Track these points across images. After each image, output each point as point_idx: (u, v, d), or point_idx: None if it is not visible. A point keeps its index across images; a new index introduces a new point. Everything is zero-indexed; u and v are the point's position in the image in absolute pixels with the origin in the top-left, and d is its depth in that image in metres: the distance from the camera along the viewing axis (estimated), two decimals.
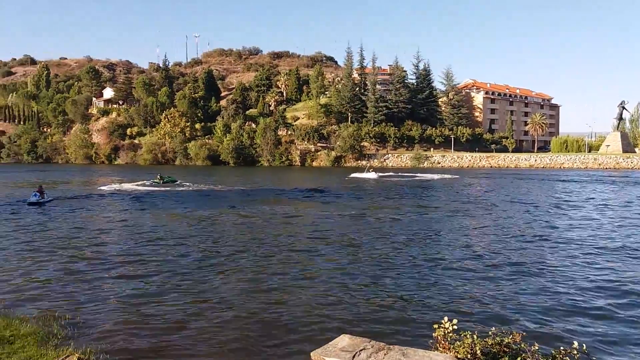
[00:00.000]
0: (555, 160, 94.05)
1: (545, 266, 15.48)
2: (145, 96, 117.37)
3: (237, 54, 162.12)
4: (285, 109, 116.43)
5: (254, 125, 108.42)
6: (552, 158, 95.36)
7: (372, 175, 65.62)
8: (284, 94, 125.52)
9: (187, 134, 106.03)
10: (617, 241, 19.93)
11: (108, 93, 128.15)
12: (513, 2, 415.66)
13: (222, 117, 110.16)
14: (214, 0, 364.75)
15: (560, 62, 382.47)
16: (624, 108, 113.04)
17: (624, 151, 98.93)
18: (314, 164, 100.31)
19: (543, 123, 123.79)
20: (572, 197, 38.34)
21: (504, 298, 12.16)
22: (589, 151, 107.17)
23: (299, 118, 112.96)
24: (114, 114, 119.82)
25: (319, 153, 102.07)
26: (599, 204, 33.57)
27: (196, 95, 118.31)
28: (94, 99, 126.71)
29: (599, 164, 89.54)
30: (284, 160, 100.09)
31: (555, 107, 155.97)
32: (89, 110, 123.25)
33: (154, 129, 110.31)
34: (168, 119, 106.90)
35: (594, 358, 3.70)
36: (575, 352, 4.14)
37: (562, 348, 4.22)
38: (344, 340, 5.22)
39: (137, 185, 48.28)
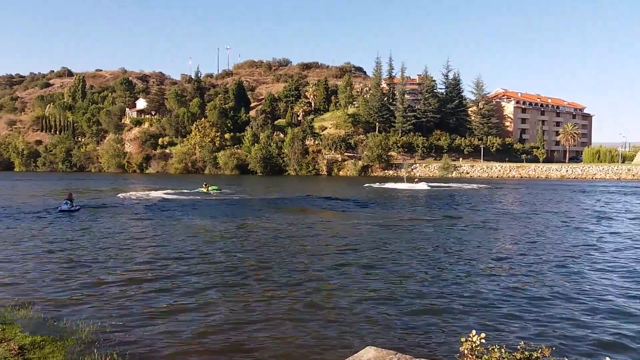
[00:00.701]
0: (587, 170, 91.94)
1: (578, 283, 15.18)
2: (177, 107, 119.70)
3: (267, 65, 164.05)
4: (313, 119, 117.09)
5: (282, 135, 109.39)
6: (584, 169, 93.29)
7: (421, 185, 60.94)
8: (312, 104, 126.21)
9: (216, 144, 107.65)
10: None
11: (141, 104, 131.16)
12: (544, 12, 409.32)
13: (251, 127, 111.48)
14: (245, 13, 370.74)
15: (593, 71, 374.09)
16: None
17: None
18: (341, 173, 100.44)
19: (575, 133, 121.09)
20: (606, 209, 37.45)
21: (535, 313, 11.99)
22: (623, 162, 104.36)
23: (326, 128, 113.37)
24: (146, 124, 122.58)
25: (345, 163, 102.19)
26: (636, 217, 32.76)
27: (226, 105, 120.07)
28: (127, 109, 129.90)
29: (633, 175, 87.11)
30: (310, 170, 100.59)
31: (587, 117, 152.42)
32: (122, 121, 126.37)
33: (184, 139, 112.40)
34: (198, 129, 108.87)
35: None
36: None
37: None
38: (369, 352, 5.17)
39: (168, 193, 49.28)
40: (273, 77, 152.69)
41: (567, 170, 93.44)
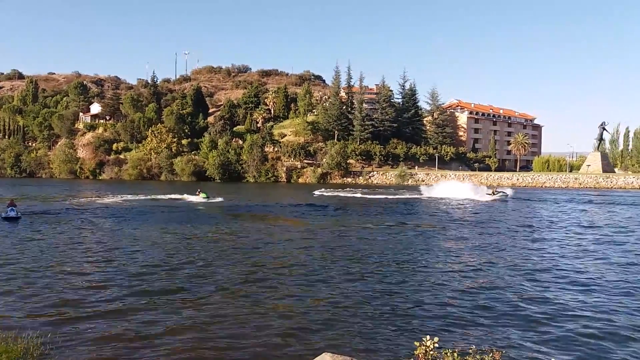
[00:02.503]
0: (537, 179, 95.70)
1: (527, 288, 15.87)
2: (133, 112, 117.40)
3: (226, 71, 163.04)
4: (272, 126, 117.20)
5: (240, 142, 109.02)
6: (534, 177, 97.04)
7: (500, 195, 52.01)
8: (272, 112, 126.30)
9: (173, 150, 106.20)
10: (600, 262, 20.81)
11: (95, 108, 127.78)
12: (496, 24, 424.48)
13: (209, 134, 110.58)
14: (204, 18, 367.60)
15: (543, 83, 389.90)
16: (604, 129, 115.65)
17: (604, 171, 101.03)
18: (300, 180, 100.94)
19: (525, 143, 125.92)
20: (557, 217, 39.38)
21: (487, 318, 12.41)
22: (570, 171, 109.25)
23: (285, 135, 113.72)
24: (100, 129, 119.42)
25: (305, 170, 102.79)
26: (582, 224, 34.63)
27: (184, 111, 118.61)
28: (80, 114, 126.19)
29: (580, 184, 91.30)
30: (269, 177, 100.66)
31: (537, 127, 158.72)
32: (75, 125, 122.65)
33: (140, 145, 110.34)
34: (155, 135, 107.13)
35: None
36: None
37: None
38: (325, 358, 5.30)
39: (122, 199, 48.45)
40: (232, 84, 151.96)
41: (517, 179, 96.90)
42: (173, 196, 53.02)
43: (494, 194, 51.99)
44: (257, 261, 19.19)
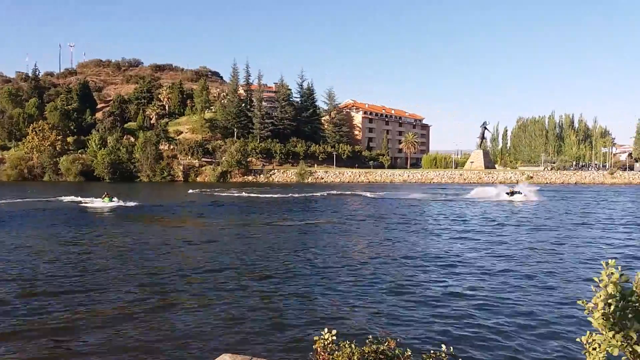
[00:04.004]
0: (426, 175, 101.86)
1: (415, 277, 16.74)
2: (11, 107, 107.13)
3: (115, 65, 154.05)
4: (167, 123, 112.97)
5: (132, 139, 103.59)
6: (423, 174, 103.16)
7: (519, 197, 49.62)
8: (167, 108, 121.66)
9: (57, 148, 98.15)
10: (470, 248, 22.58)
11: None
12: (387, 28, 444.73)
13: (98, 131, 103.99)
14: (90, 8, 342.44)
15: (430, 84, 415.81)
16: (485, 128, 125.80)
17: (486, 167, 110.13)
18: (198, 179, 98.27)
19: (415, 141, 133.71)
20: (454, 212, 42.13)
21: (380, 308, 12.85)
22: (456, 167, 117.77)
23: (182, 132, 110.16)
24: None
25: (203, 168, 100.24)
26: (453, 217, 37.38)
27: (69, 107, 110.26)
28: None
29: (465, 179, 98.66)
30: (165, 176, 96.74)
31: (426, 127, 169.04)
32: None
33: (20, 143, 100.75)
34: (36, 132, 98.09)
35: (460, 359, 4.08)
36: (444, 355, 4.29)
37: (432, 351, 4.33)
38: (224, 359, 5.16)
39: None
40: (122, 78, 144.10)
41: (408, 176, 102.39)
42: (68, 199, 48.70)
43: (511, 194, 50.64)
44: (153, 265, 18.21)
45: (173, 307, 12.95)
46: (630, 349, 2.76)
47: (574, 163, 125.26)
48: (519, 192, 51.10)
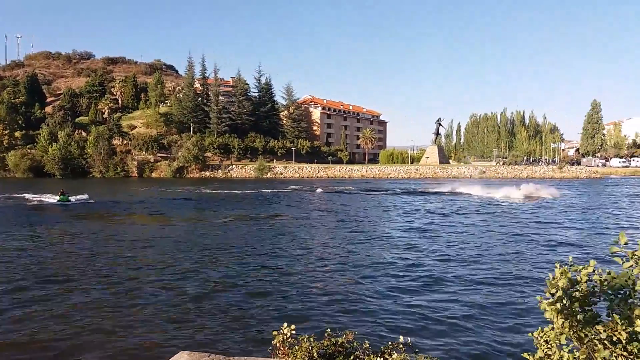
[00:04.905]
0: (383, 170, 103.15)
1: (369, 270, 16.98)
2: None
3: (66, 57, 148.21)
4: (120, 117, 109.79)
5: (84, 134, 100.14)
6: (380, 169, 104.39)
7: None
8: (120, 102, 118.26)
9: (5, 143, 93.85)
10: (429, 241, 23.09)
11: None
12: (344, 23, 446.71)
13: (48, 125, 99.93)
14: None
15: (388, 81, 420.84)
16: (440, 124, 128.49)
17: (441, 162, 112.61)
18: (153, 175, 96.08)
19: (373, 137, 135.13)
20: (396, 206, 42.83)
21: (338, 300, 12.93)
22: (412, 162, 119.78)
23: (136, 127, 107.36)
24: None
25: (158, 164, 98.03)
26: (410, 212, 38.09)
27: (17, 100, 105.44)
28: None
29: (420, 174, 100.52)
30: (119, 172, 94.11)
31: (383, 123, 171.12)
32: None
33: None
34: None
35: (417, 350, 4.19)
36: (401, 346, 4.39)
37: (390, 343, 4.38)
38: (182, 356, 5.14)
39: None
40: (73, 71, 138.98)
41: (366, 171, 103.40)
42: (17, 196, 46.63)
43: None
44: (107, 264, 17.65)
45: (129, 305, 12.61)
46: (577, 336, 2.86)
47: (525, 158, 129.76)
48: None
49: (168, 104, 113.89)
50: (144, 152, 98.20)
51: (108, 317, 11.69)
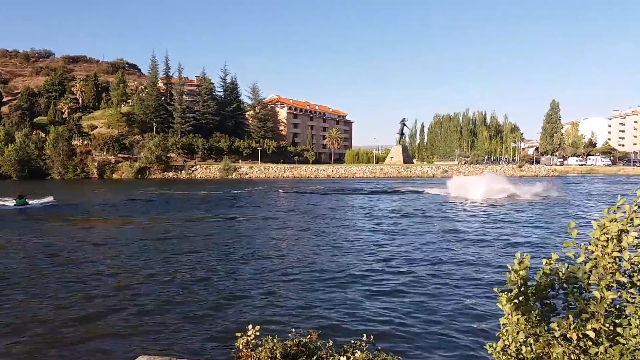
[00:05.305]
0: (349, 170, 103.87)
1: (335, 272, 17.25)
2: None
3: (24, 55, 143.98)
4: (81, 117, 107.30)
5: (43, 135, 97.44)
6: (346, 169, 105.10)
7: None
8: (80, 101, 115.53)
9: None
10: (395, 243, 23.60)
11: None
12: (312, 24, 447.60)
13: (4, 125, 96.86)
14: None
15: (353, 82, 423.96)
16: (404, 124, 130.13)
17: (405, 162, 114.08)
18: (114, 176, 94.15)
19: (339, 137, 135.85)
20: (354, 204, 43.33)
21: (304, 301, 13.02)
22: (377, 162, 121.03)
23: (97, 127, 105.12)
24: None
25: (120, 165, 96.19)
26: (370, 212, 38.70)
27: None
28: None
29: (385, 174, 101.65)
30: (78, 173, 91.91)
31: (349, 123, 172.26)
32: None
33: None
34: None
35: (379, 347, 4.33)
36: (364, 343, 4.40)
37: (352, 341, 4.41)
38: None
39: None
40: (32, 70, 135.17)
41: (332, 171, 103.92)
42: None
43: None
44: (66, 267, 17.50)
45: (88, 309, 12.48)
46: (533, 331, 2.94)
47: (486, 157, 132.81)
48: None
49: (130, 104, 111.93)
50: (104, 153, 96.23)
51: (66, 323, 11.53)
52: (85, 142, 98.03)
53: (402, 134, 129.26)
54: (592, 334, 2.68)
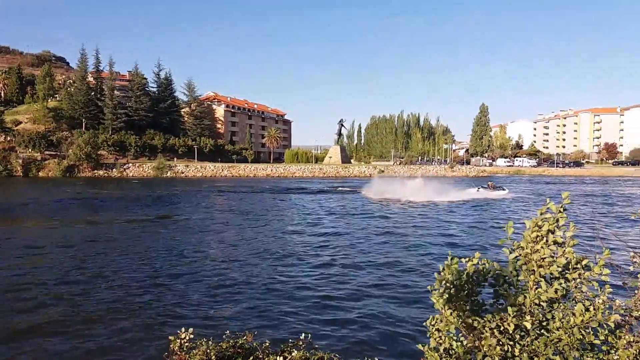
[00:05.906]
0: (288, 169, 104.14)
1: (276, 271, 17.61)
2: None
3: None
4: (3, 112, 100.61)
5: None
6: (285, 168, 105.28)
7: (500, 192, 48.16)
8: (2, 95, 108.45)
9: None
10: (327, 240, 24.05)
11: None
12: (248, 19, 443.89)
13: None
14: None
15: (292, 81, 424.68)
16: (342, 125, 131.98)
17: (343, 162, 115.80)
18: (41, 174, 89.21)
19: (278, 136, 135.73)
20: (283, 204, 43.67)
21: (239, 303, 12.96)
22: (316, 162, 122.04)
23: (21, 122, 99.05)
24: None
25: (47, 162, 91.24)
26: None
27: None
28: None
29: (324, 173, 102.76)
30: (1, 170, 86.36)
31: (288, 122, 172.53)
32: None
33: None
34: None
35: (317, 345, 4.41)
36: (302, 343, 4.35)
37: (290, 341, 4.37)
38: None
39: None
40: None
41: (272, 170, 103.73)
42: None
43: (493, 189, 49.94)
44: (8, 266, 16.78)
45: (20, 317, 11.88)
46: (465, 324, 3.04)
47: (420, 158, 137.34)
48: (502, 188, 50.68)
49: (58, 98, 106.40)
50: (30, 150, 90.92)
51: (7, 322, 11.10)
52: (9, 138, 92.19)
53: (340, 134, 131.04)
54: (529, 325, 2.85)
